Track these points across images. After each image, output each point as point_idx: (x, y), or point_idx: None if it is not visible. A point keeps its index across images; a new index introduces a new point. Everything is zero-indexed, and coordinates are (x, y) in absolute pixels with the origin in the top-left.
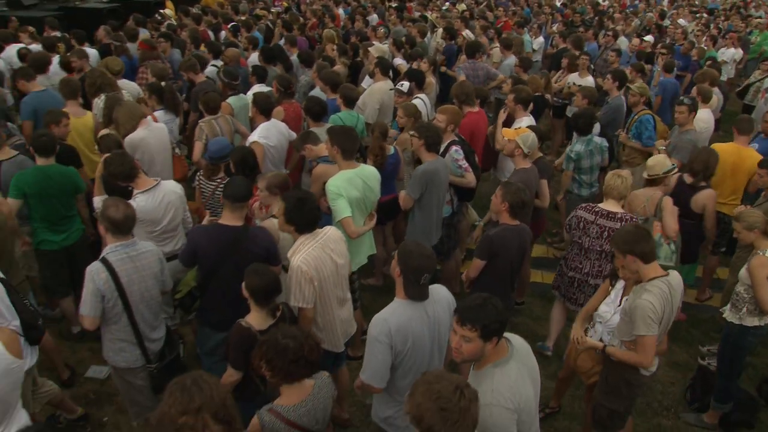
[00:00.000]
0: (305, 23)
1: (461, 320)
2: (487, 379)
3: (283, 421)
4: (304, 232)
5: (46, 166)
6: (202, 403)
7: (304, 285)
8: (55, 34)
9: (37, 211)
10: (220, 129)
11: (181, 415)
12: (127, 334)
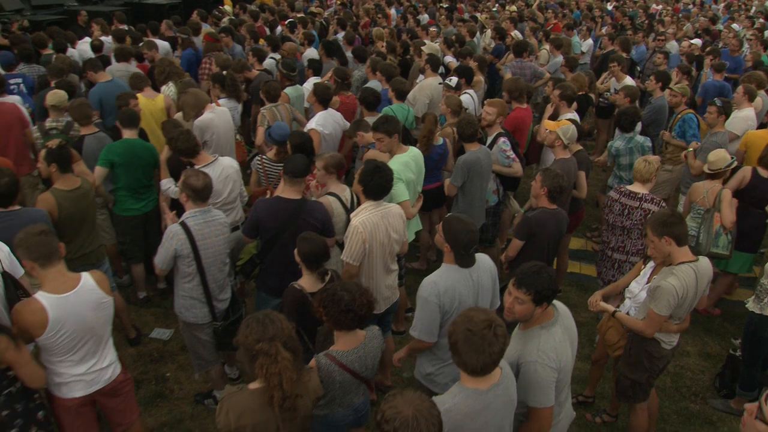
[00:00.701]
0: (357, 21)
1: (518, 284)
2: (534, 339)
3: (336, 363)
4: (370, 197)
5: (132, 139)
6: (274, 333)
7: (355, 243)
8: (122, 27)
9: (123, 180)
10: (280, 116)
11: (257, 343)
12: (198, 293)
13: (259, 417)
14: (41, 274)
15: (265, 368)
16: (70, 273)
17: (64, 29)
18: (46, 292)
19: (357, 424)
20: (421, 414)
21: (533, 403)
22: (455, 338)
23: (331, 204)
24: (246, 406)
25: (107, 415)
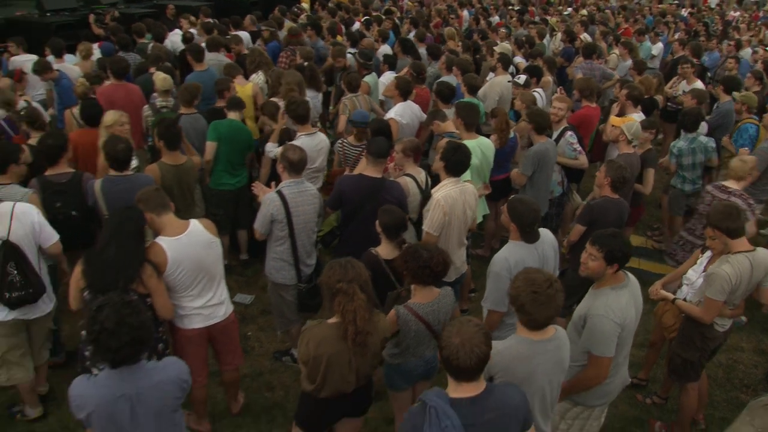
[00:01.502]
0: (429, 21)
1: (594, 241)
2: (603, 297)
3: (413, 314)
4: (450, 173)
5: (235, 120)
6: (353, 276)
7: (437, 215)
8: (208, 20)
9: (223, 156)
10: (359, 105)
11: (338, 282)
12: (287, 256)
13: (334, 348)
14: (158, 222)
15: (342, 305)
16: (181, 220)
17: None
18: (163, 236)
19: (426, 375)
20: (468, 342)
21: (595, 352)
22: (522, 300)
23: (407, 184)
24: (324, 337)
25: (218, 353)
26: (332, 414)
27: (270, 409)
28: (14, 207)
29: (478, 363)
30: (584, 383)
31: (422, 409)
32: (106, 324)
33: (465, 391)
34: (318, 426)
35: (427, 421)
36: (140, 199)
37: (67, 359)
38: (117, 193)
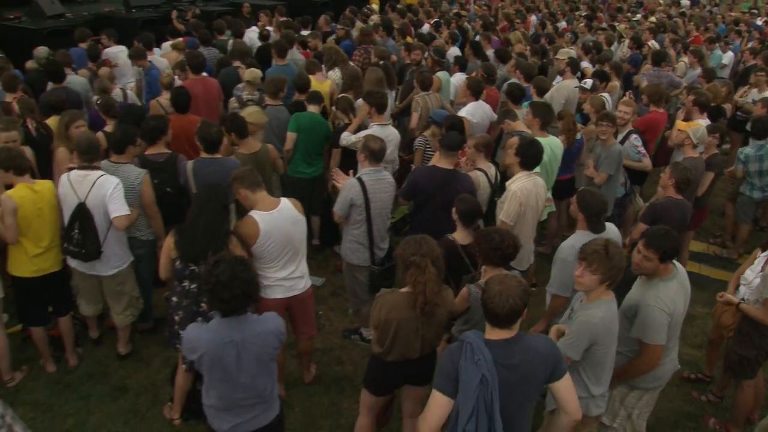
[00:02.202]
0: (496, 24)
1: (647, 244)
2: (654, 288)
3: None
4: (524, 167)
5: (315, 113)
6: (426, 250)
7: (513, 205)
8: (284, 19)
9: (302, 146)
10: (431, 102)
11: (412, 255)
12: (363, 239)
13: (403, 314)
14: (252, 198)
15: (414, 277)
16: (272, 198)
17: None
18: (257, 210)
19: None
20: (505, 292)
21: (647, 340)
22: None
23: (478, 178)
24: (395, 304)
25: (295, 324)
26: (396, 378)
27: (339, 380)
28: (98, 177)
29: (510, 312)
30: (638, 370)
31: (460, 346)
32: (221, 277)
33: (498, 335)
34: (383, 388)
35: (463, 355)
36: (237, 176)
37: (154, 326)
38: (206, 174)
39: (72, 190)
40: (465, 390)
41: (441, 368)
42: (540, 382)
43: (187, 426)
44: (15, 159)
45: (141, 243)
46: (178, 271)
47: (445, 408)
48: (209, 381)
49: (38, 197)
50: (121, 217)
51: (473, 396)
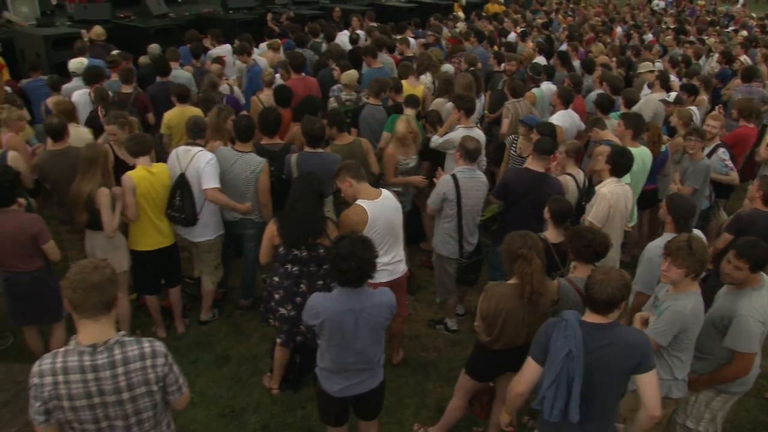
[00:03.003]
0: (582, 35)
1: (739, 254)
2: (746, 298)
3: (573, 287)
4: (614, 174)
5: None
6: (532, 243)
7: (603, 207)
8: (374, 24)
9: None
10: (521, 109)
11: (519, 249)
12: (453, 232)
13: (511, 304)
14: (356, 187)
15: (522, 268)
16: (375, 188)
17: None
18: (362, 199)
19: None
20: (606, 280)
21: (741, 348)
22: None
23: (567, 182)
24: (503, 295)
25: None
26: (500, 365)
27: (425, 365)
28: (197, 152)
29: (607, 299)
30: (729, 376)
31: (557, 321)
32: (342, 251)
33: (593, 319)
34: (486, 375)
35: (557, 329)
36: (343, 166)
37: (253, 303)
38: (308, 166)
39: (177, 162)
40: (552, 359)
41: (537, 338)
42: (624, 372)
43: (284, 395)
44: (136, 145)
45: (253, 224)
46: (281, 255)
47: (534, 373)
48: (327, 345)
49: (154, 178)
50: (210, 190)
51: (557, 366)
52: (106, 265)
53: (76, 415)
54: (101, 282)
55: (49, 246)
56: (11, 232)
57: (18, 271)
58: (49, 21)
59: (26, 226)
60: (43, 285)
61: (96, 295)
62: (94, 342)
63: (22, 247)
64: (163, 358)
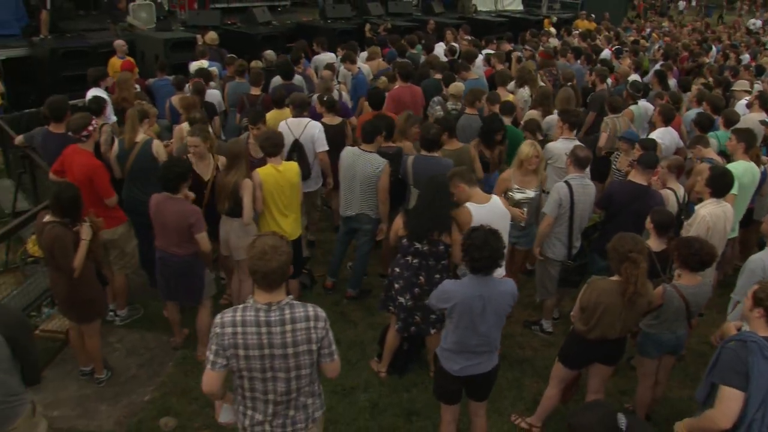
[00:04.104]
0: (677, 54)
1: None
2: None
3: (678, 293)
4: (714, 195)
5: (509, 125)
6: (641, 248)
7: (701, 228)
8: (467, 37)
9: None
10: (619, 125)
11: (629, 252)
12: (563, 236)
13: (611, 299)
14: (468, 192)
15: (629, 270)
16: (486, 194)
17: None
18: (472, 203)
19: (673, 350)
20: None
21: None
22: None
23: (668, 196)
24: (605, 289)
25: None
26: (591, 354)
27: (521, 362)
28: (309, 122)
29: None
30: None
31: (743, 345)
32: (476, 241)
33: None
34: (577, 362)
35: (752, 352)
36: (455, 173)
37: (359, 295)
38: (424, 169)
39: (289, 131)
40: (757, 382)
41: (730, 366)
42: None
43: (391, 378)
44: (271, 146)
45: (369, 219)
46: (404, 247)
47: (740, 401)
48: (454, 328)
49: (281, 176)
50: (323, 153)
51: (764, 387)
52: (282, 242)
53: (248, 363)
54: (282, 261)
55: (201, 236)
56: (173, 218)
57: (172, 253)
58: (166, 25)
59: (186, 215)
60: (190, 270)
61: (276, 272)
62: (269, 301)
63: (179, 232)
64: (323, 322)
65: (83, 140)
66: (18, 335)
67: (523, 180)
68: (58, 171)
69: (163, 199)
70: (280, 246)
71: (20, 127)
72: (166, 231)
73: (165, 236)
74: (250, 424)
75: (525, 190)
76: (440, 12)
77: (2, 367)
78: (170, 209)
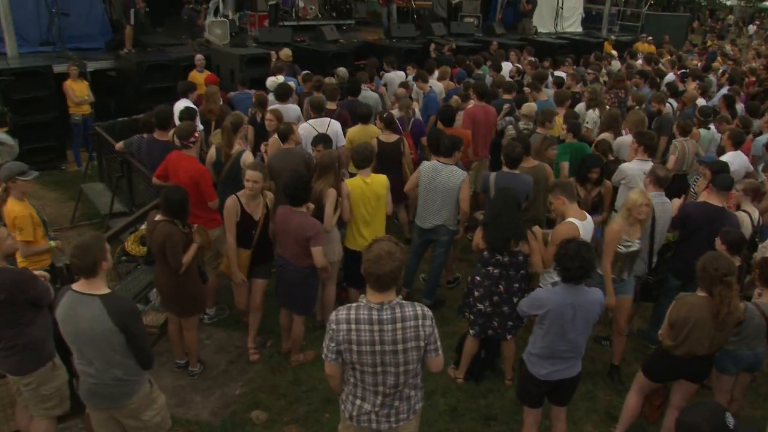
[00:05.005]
0: (743, 78)
1: None
2: None
3: (759, 311)
4: None
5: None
6: (733, 269)
7: None
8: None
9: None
10: (687, 148)
11: (725, 276)
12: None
13: (701, 315)
14: (566, 206)
15: (723, 292)
16: (581, 210)
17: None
18: (572, 218)
19: (751, 367)
20: None
21: None
22: None
23: (743, 218)
24: (694, 305)
25: None
26: (677, 370)
27: (593, 375)
28: (331, 121)
29: None
30: None
31: None
32: (569, 252)
33: None
34: (660, 375)
35: None
36: (558, 185)
37: (434, 305)
38: (505, 184)
39: (314, 129)
40: None
41: None
42: None
43: (468, 384)
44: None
45: (447, 231)
46: (485, 259)
47: None
48: (544, 333)
49: (367, 188)
50: (343, 147)
51: None
52: (396, 249)
53: (360, 358)
54: (394, 266)
55: (317, 250)
56: (295, 230)
57: (290, 262)
58: (241, 41)
59: (306, 228)
60: (305, 281)
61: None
62: (381, 301)
63: (298, 244)
64: (430, 320)
65: (189, 147)
66: (128, 322)
67: (629, 230)
68: (162, 176)
69: (288, 211)
70: (394, 252)
71: (114, 134)
72: (288, 241)
73: (286, 246)
74: (357, 413)
75: (632, 242)
76: (501, 33)
77: (120, 352)
78: (293, 221)
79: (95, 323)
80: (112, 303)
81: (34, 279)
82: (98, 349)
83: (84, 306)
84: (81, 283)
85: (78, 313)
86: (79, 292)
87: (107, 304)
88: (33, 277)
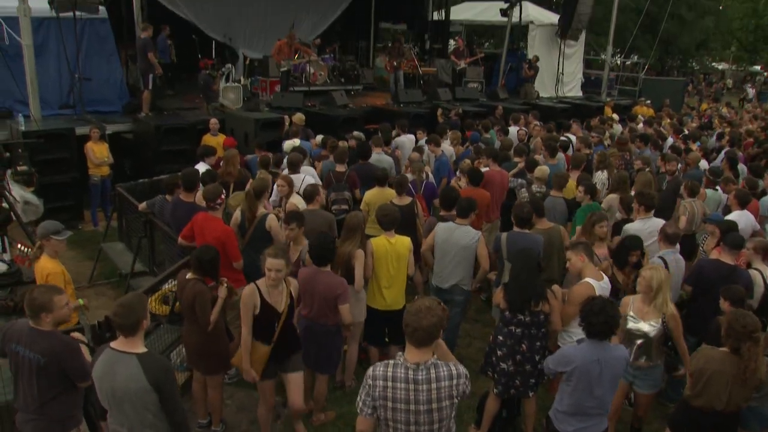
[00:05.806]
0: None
1: None
2: None
3: None
4: None
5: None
6: (760, 326)
7: None
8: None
9: None
10: (696, 208)
11: (752, 333)
12: None
13: (719, 367)
14: (585, 264)
15: (751, 349)
16: (599, 271)
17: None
18: (592, 279)
19: None
20: None
21: None
22: None
23: (756, 276)
24: (713, 357)
25: None
26: (700, 424)
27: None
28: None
29: None
30: None
31: None
32: (594, 308)
33: None
34: (684, 429)
35: None
36: (581, 243)
37: None
38: (516, 244)
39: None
40: None
41: None
42: None
43: None
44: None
45: (461, 291)
46: (506, 318)
47: None
48: (571, 390)
49: (391, 248)
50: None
51: None
52: (438, 307)
53: (394, 414)
54: (432, 322)
55: (344, 308)
56: (322, 288)
57: (315, 321)
58: (254, 106)
59: (333, 287)
60: (331, 340)
61: (425, 330)
62: (417, 361)
63: (327, 302)
64: (465, 378)
65: (216, 208)
66: (162, 381)
67: (641, 309)
68: (187, 236)
69: (312, 272)
70: (434, 309)
71: (135, 195)
72: (314, 301)
73: (312, 306)
74: None
75: (639, 321)
76: (505, 98)
77: (152, 411)
78: (320, 281)
79: (131, 381)
80: (149, 362)
81: (77, 353)
82: (132, 407)
83: (121, 364)
84: (120, 341)
85: (115, 371)
86: (118, 350)
87: (144, 363)
88: (77, 351)
